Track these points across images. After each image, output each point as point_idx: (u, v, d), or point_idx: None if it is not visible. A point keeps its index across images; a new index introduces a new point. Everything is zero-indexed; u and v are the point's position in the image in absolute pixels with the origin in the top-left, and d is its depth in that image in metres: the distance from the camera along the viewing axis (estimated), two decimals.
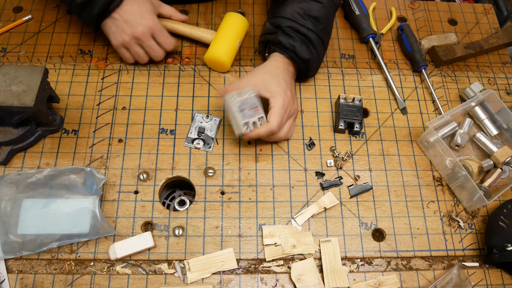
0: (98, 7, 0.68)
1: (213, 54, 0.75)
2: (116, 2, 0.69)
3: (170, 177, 0.69)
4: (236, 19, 0.79)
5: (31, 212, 0.62)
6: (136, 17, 0.70)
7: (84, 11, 0.70)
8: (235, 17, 0.79)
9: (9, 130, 0.66)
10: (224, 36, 0.77)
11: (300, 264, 0.63)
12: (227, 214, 0.67)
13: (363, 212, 0.69)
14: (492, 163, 0.72)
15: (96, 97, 0.75)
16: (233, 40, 0.77)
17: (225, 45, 0.76)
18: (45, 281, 0.61)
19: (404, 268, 0.65)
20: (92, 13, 0.69)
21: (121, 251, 0.62)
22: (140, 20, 0.70)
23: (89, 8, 0.69)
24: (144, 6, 0.71)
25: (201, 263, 0.63)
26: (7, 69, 0.63)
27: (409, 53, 0.83)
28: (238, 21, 0.79)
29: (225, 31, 0.78)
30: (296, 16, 0.71)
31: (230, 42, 0.77)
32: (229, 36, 0.77)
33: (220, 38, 0.77)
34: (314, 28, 0.71)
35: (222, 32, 0.78)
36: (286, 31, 0.71)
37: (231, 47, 0.77)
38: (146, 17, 0.71)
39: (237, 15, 0.79)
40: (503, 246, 0.63)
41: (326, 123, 0.76)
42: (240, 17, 0.79)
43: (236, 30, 0.78)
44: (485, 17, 0.92)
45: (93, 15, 0.69)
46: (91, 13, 0.69)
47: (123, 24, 0.70)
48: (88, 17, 0.70)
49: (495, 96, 0.74)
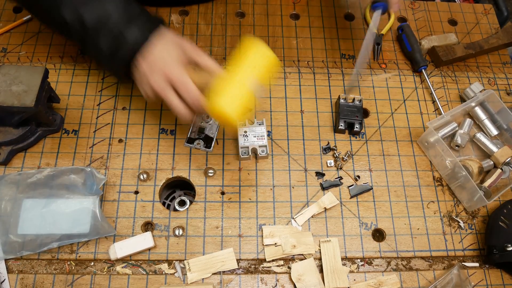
0: (125, 52, 0.60)
1: (213, 105, 0.54)
2: (145, 44, 0.60)
3: (170, 177, 0.69)
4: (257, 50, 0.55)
5: (31, 212, 0.62)
6: (158, 65, 0.59)
7: (113, 59, 0.61)
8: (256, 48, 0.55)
9: (9, 130, 0.66)
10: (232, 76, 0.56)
11: (300, 264, 0.63)
12: (227, 214, 0.67)
13: (363, 212, 0.69)
14: (492, 163, 0.72)
15: (96, 97, 0.75)
16: (243, 80, 0.55)
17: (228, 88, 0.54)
18: (45, 281, 0.61)
19: (404, 268, 0.65)
20: (122, 58, 0.61)
21: (121, 251, 0.62)
22: (162, 67, 0.59)
23: (116, 55, 0.61)
24: (172, 53, 0.60)
25: (201, 263, 0.63)
26: (8, 69, 0.63)
27: (409, 53, 0.83)
28: (258, 54, 0.56)
29: (235, 69, 0.56)
30: None
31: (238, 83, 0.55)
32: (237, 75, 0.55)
33: (226, 79, 0.56)
34: None
35: (231, 70, 0.57)
36: None
37: (237, 90, 0.54)
38: (169, 65, 0.59)
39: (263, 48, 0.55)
40: (503, 246, 0.63)
41: (326, 123, 0.76)
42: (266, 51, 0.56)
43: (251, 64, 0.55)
44: (485, 17, 0.92)
45: (124, 60, 0.61)
46: (120, 60, 0.61)
47: (145, 74, 0.60)
48: (118, 65, 0.62)
49: (495, 96, 0.74)
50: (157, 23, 0.63)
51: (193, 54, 0.61)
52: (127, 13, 0.60)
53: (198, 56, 0.61)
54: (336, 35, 0.86)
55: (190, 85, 0.58)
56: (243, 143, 0.70)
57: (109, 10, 0.60)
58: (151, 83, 0.60)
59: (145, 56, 0.60)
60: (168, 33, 0.62)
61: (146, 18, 0.62)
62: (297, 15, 0.88)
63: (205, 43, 0.82)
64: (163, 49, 0.60)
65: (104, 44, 0.60)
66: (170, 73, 0.58)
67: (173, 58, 0.59)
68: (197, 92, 0.58)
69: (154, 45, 0.60)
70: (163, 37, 0.61)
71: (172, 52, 0.60)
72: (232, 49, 0.82)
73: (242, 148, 0.70)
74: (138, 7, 0.63)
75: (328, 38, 0.85)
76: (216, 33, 0.84)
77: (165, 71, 0.58)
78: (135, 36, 0.59)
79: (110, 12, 0.60)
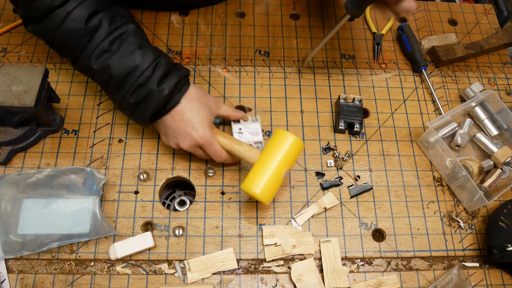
0: (152, 107, 0.61)
1: (249, 189, 0.59)
2: (172, 103, 0.61)
3: (170, 177, 0.69)
4: (290, 143, 0.61)
5: (31, 212, 0.62)
6: (186, 127, 0.62)
7: (137, 110, 0.62)
8: (289, 141, 0.61)
9: (9, 130, 0.66)
10: (268, 164, 0.60)
11: (300, 264, 0.63)
12: (227, 214, 0.67)
13: (363, 212, 0.69)
14: (492, 163, 0.72)
15: (96, 97, 0.75)
16: (279, 170, 0.60)
17: (265, 177, 0.59)
18: (45, 281, 0.61)
19: (404, 268, 0.65)
20: (146, 113, 0.62)
21: (121, 251, 0.62)
22: (190, 131, 0.62)
23: (142, 107, 0.62)
24: (199, 114, 0.63)
25: (201, 263, 0.63)
26: (8, 69, 0.63)
27: (409, 53, 0.83)
28: (292, 146, 0.61)
29: (271, 157, 0.60)
30: None
31: (274, 173, 0.60)
32: (274, 165, 0.60)
33: (262, 165, 0.60)
34: None
35: (266, 157, 0.61)
36: None
37: (273, 179, 0.60)
38: (198, 129, 0.62)
39: (295, 140, 0.61)
40: (503, 246, 0.63)
41: (326, 123, 0.76)
42: (297, 142, 0.61)
43: (286, 157, 0.61)
44: (485, 17, 0.92)
45: (147, 115, 0.62)
46: (144, 113, 0.62)
47: (173, 132, 0.63)
48: (142, 117, 0.63)
49: (495, 96, 0.74)
50: (186, 79, 0.64)
51: (217, 109, 0.67)
52: (158, 70, 0.61)
53: (219, 110, 0.67)
54: (336, 35, 0.86)
55: (217, 147, 0.64)
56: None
57: (139, 64, 0.60)
58: (180, 144, 0.64)
59: (174, 115, 0.62)
60: (195, 90, 0.64)
61: (177, 75, 0.62)
62: (297, 15, 0.88)
63: (205, 43, 0.82)
64: (192, 111, 0.62)
65: (130, 97, 0.61)
66: (199, 137, 0.62)
67: (201, 120, 0.63)
68: (224, 153, 0.65)
69: (183, 106, 0.62)
70: (190, 96, 0.63)
71: (200, 114, 0.63)
72: (232, 49, 0.82)
73: None
74: (168, 61, 0.63)
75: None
76: (216, 33, 0.84)
77: (194, 135, 0.62)
78: (164, 93, 0.60)
79: (140, 66, 0.60)
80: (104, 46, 0.60)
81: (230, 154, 0.66)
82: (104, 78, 0.62)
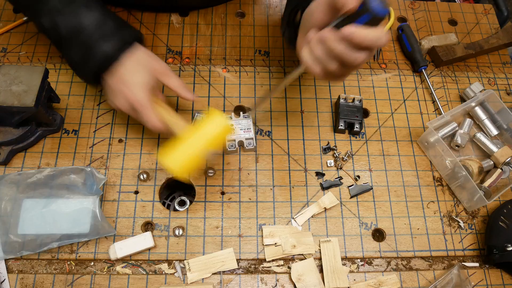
0: (94, 66, 0.61)
1: (163, 160, 0.58)
2: (114, 63, 0.61)
3: (170, 177, 0.69)
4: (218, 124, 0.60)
5: (32, 212, 0.62)
6: (123, 88, 0.61)
7: (82, 68, 0.63)
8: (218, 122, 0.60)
9: (9, 130, 0.66)
10: (190, 141, 0.59)
11: (300, 264, 0.63)
12: (227, 214, 0.67)
13: (363, 212, 0.69)
14: (492, 163, 0.72)
15: (96, 97, 0.75)
16: (199, 148, 0.59)
17: (182, 151, 0.59)
18: (45, 281, 0.61)
19: (404, 268, 0.65)
20: (89, 71, 0.62)
21: (121, 251, 0.62)
22: (127, 92, 0.61)
23: (86, 65, 0.62)
24: (138, 77, 0.61)
25: (201, 263, 0.63)
26: (8, 69, 0.63)
27: (409, 53, 0.83)
28: (220, 128, 0.60)
29: (195, 134, 0.59)
30: None
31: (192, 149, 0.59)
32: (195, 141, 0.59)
33: (184, 140, 0.59)
34: None
35: (192, 133, 0.60)
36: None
37: (190, 155, 0.59)
38: (133, 91, 0.60)
39: (223, 123, 0.60)
40: (503, 246, 0.63)
41: (326, 123, 0.76)
42: (225, 125, 0.60)
43: (209, 136, 0.59)
44: (485, 17, 0.92)
45: (89, 73, 0.63)
46: (88, 71, 0.63)
47: (112, 92, 0.63)
48: (86, 75, 0.64)
49: (495, 96, 0.74)
50: (132, 41, 0.63)
51: (161, 76, 0.63)
52: (101, 29, 0.61)
53: (166, 78, 0.64)
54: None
55: (151, 114, 0.60)
56: (229, 137, 0.70)
57: (84, 24, 0.61)
58: (117, 104, 0.63)
59: (113, 74, 0.62)
60: (140, 53, 0.63)
61: (121, 35, 0.62)
62: None
63: (205, 43, 0.82)
64: (130, 71, 0.61)
65: (75, 54, 0.62)
66: (134, 100, 0.60)
67: (139, 83, 0.61)
68: (157, 123, 0.61)
69: (122, 65, 0.61)
70: (133, 57, 0.62)
71: (139, 76, 0.61)
72: (232, 49, 0.82)
73: (228, 142, 0.70)
74: (116, 23, 0.63)
75: None
76: (216, 33, 0.84)
77: (129, 97, 0.60)
78: (105, 53, 0.60)
79: (84, 26, 0.61)
80: (53, 4, 0.60)
81: (166, 126, 0.63)
82: (54, 35, 0.62)
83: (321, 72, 0.49)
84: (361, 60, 0.45)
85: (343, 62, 0.46)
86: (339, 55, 0.45)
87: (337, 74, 0.49)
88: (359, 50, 0.44)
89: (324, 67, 0.48)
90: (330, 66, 0.47)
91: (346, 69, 0.48)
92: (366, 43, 0.43)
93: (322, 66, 0.48)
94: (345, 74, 0.50)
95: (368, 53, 0.45)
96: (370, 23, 0.43)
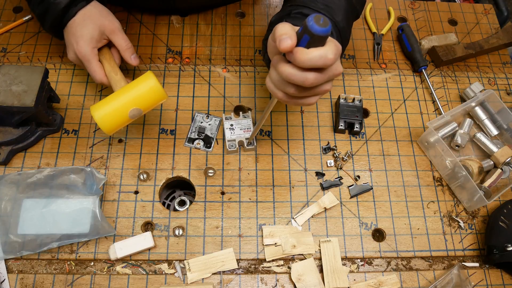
0: (51, 19, 0.66)
1: (92, 112, 0.60)
2: (67, 16, 0.65)
3: (170, 177, 0.69)
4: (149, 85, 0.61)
5: (31, 212, 0.62)
6: (71, 40, 0.65)
7: (43, 21, 0.68)
8: (149, 83, 0.61)
9: (9, 130, 0.66)
10: (119, 97, 0.61)
11: (300, 264, 0.63)
12: (227, 214, 0.67)
13: (363, 212, 0.69)
14: (492, 163, 0.72)
15: (96, 97, 0.75)
16: (126, 105, 0.60)
17: (111, 106, 0.60)
18: (45, 281, 0.61)
19: (404, 268, 0.65)
20: (48, 24, 0.67)
21: (121, 251, 0.62)
22: (74, 44, 0.65)
23: (45, 19, 0.67)
24: (86, 30, 0.65)
25: (201, 263, 0.63)
26: (8, 69, 0.63)
27: (409, 53, 0.83)
28: (150, 90, 0.61)
29: (125, 92, 0.61)
30: (309, 3, 0.61)
31: (121, 106, 0.60)
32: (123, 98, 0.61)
33: (115, 96, 0.61)
34: (332, 17, 0.60)
35: (123, 91, 0.62)
36: (295, 16, 0.60)
37: (118, 111, 0.60)
38: (79, 43, 0.64)
39: (154, 84, 0.61)
40: (503, 246, 0.63)
41: (326, 123, 0.76)
42: (156, 87, 0.61)
43: (139, 96, 0.61)
44: (485, 17, 0.92)
45: (48, 26, 0.67)
46: (47, 25, 0.67)
47: (66, 43, 0.68)
48: (46, 28, 0.68)
49: (495, 96, 0.74)
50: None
51: (110, 33, 0.67)
52: None
53: (114, 36, 0.67)
54: None
55: (95, 67, 0.66)
56: (229, 137, 0.71)
57: None
58: (68, 55, 0.68)
59: (68, 28, 0.66)
60: (93, 10, 0.67)
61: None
62: None
63: (205, 43, 0.82)
64: (79, 24, 0.65)
65: (37, 8, 0.66)
66: (78, 51, 0.65)
67: (85, 36, 0.65)
68: (100, 75, 0.66)
69: (74, 19, 0.66)
70: (85, 12, 0.66)
71: (87, 30, 0.65)
72: (232, 49, 0.82)
73: (229, 142, 0.71)
74: None
75: None
76: (216, 33, 0.84)
77: (75, 48, 0.65)
78: (59, 7, 0.64)
79: None
80: None
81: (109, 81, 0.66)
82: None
83: (283, 97, 0.49)
84: (311, 81, 0.45)
85: (296, 85, 0.47)
86: (287, 77, 0.46)
87: (300, 97, 0.49)
88: (306, 71, 0.45)
89: (284, 91, 0.49)
90: (288, 90, 0.48)
91: (307, 92, 0.48)
92: (309, 63, 0.43)
93: (282, 91, 0.49)
94: (310, 98, 0.50)
95: (318, 74, 0.45)
96: (315, 43, 0.43)
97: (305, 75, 0.45)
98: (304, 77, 0.45)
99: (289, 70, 0.45)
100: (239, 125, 0.72)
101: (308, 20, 0.40)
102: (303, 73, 0.45)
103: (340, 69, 0.47)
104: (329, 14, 0.60)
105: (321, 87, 0.48)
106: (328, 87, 0.48)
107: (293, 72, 0.45)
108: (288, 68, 0.45)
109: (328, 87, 0.48)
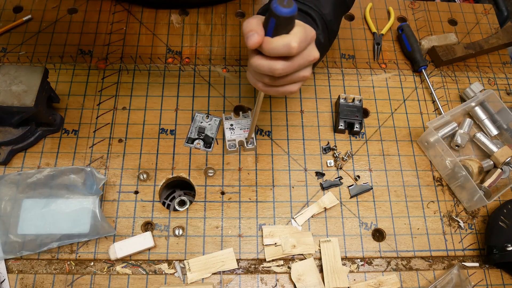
0: None
1: None
2: None
3: (170, 177, 0.69)
4: None
5: (31, 212, 0.62)
6: None
7: None
8: None
9: (9, 130, 0.66)
10: None
11: (300, 264, 0.63)
12: (227, 214, 0.67)
13: (363, 212, 0.69)
14: (492, 163, 0.72)
15: (96, 97, 0.75)
16: None
17: None
18: (45, 281, 0.61)
19: (404, 268, 0.65)
20: None
21: (121, 251, 0.62)
22: None
23: None
24: None
25: (201, 263, 0.63)
26: (7, 69, 0.63)
27: (409, 53, 0.83)
28: None
29: None
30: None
31: None
32: None
33: None
34: (318, 9, 0.60)
35: None
36: None
37: None
38: None
39: None
40: (503, 246, 0.63)
41: (326, 123, 0.76)
42: None
43: None
44: (485, 17, 0.92)
45: None
46: None
47: None
48: None
49: (495, 96, 0.74)
50: None
51: None
52: None
53: None
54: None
55: None
56: (230, 137, 0.71)
57: None
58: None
59: None
60: None
61: None
62: None
63: (205, 43, 0.82)
64: None
65: None
66: None
67: None
68: None
69: None
70: None
71: None
72: (232, 49, 0.82)
73: (229, 142, 0.71)
74: None
75: None
76: (216, 33, 0.84)
77: None
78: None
79: None
80: None
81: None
82: None
83: (263, 87, 0.50)
84: (280, 70, 0.45)
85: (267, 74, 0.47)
86: (257, 68, 0.46)
87: (280, 85, 0.49)
88: (274, 60, 0.45)
89: (262, 81, 0.49)
90: (264, 80, 0.48)
91: (282, 80, 0.48)
92: (273, 52, 0.44)
93: (260, 81, 0.49)
94: (290, 86, 0.50)
95: (286, 62, 0.45)
96: (282, 26, 0.42)
97: (273, 64, 0.45)
98: (272, 66, 0.45)
99: (257, 61, 0.45)
100: (239, 125, 0.72)
101: (273, 2, 0.40)
102: (271, 62, 0.45)
103: (315, 54, 0.47)
104: (316, 7, 0.60)
105: (297, 74, 0.48)
106: (307, 73, 0.48)
107: (261, 62, 0.45)
108: (256, 59, 0.45)
109: (307, 73, 0.48)
